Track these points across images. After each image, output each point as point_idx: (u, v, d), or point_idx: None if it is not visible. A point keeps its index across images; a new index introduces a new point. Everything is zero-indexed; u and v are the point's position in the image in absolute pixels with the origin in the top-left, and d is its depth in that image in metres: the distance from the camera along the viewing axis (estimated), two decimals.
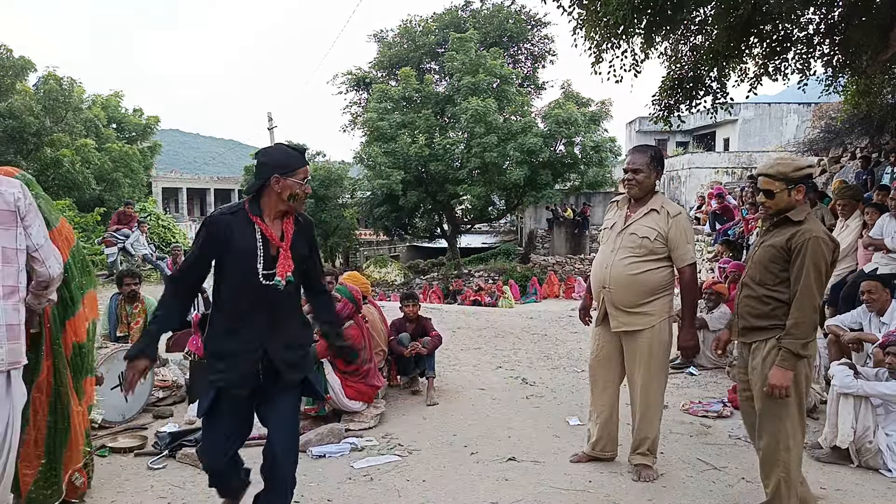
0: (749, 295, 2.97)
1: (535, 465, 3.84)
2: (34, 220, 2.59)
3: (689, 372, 6.19)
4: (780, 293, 2.86)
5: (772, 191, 2.90)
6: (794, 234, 2.84)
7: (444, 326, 6.52)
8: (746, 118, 28.93)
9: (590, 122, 24.46)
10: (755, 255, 3.01)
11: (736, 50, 8.06)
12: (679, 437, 4.36)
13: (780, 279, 2.87)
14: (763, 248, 2.97)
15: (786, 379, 2.77)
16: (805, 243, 2.79)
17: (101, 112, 24.01)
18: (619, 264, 3.48)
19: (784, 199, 2.89)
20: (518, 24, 30.70)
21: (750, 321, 2.95)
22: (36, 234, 2.58)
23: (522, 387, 5.78)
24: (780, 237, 2.90)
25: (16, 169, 2.94)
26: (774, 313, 2.86)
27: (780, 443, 2.87)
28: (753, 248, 3.07)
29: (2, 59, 19.74)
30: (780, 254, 2.86)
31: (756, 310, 2.93)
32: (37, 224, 2.60)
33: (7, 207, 2.49)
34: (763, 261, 2.93)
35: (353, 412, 4.63)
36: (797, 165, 2.92)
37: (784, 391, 2.78)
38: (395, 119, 24.25)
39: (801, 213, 2.90)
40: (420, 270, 28.52)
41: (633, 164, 3.52)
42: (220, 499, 2.95)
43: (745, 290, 3.01)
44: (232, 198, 43.89)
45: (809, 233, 2.81)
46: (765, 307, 2.90)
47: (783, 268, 2.86)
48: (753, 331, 2.95)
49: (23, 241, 2.53)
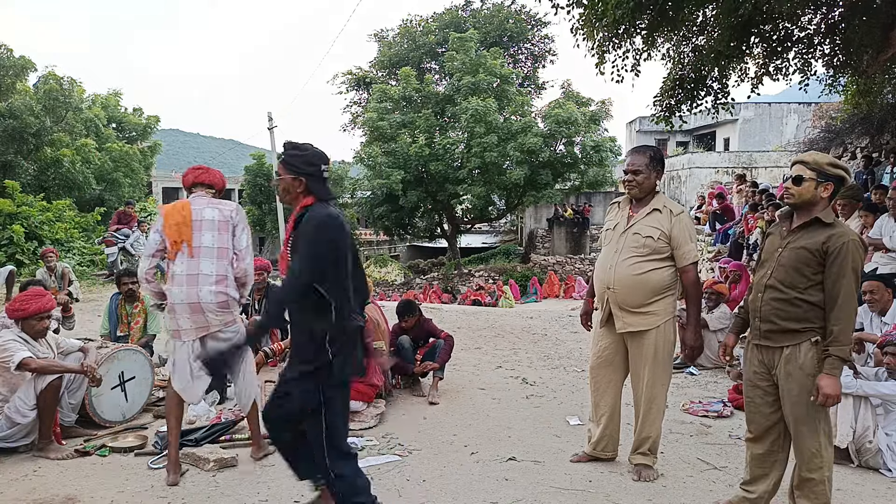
0: (778, 298, 2.86)
1: (535, 465, 3.84)
2: (242, 231, 3.73)
3: (690, 372, 6.20)
4: (812, 296, 2.78)
5: (802, 177, 2.82)
6: (829, 238, 2.76)
7: (444, 326, 6.52)
8: (747, 118, 28.95)
9: (590, 121, 24.48)
10: (780, 256, 2.90)
11: (737, 50, 8.06)
12: (679, 437, 4.36)
13: (812, 282, 2.79)
14: (792, 250, 2.86)
15: (836, 387, 2.70)
16: (843, 247, 2.71)
17: (101, 112, 24.00)
18: (623, 265, 3.46)
19: (810, 191, 2.82)
20: (518, 23, 30.73)
21: (779, 324, 2.86)
22: (240, 240, 3.72)
23: (523, 387, 5.78)
24: (812, 239, 2.81)
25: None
26: (807, 316, 2.79)
27: (821, 445, 2.84)
28: (776, 250, 2.94)
29: (2, 59, 19.72)
30: (814, 257, 2.77)
31: (787, 313, 2.84)
32: (244, 233, 3.75)
33: (224, 218, 3.66)
34: (793, 263, 2.83)
35: (354, 412, 4.63)
36: (834, 162, 2.86)
37: (835, 400, 2.72)
38: (395, 119, 24.26)
39: (829, 214, 2.84)
40: (420, 270, 28.53)
41: (632, 166, 3.51)
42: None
43: (770, 292, 2.90)
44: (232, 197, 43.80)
45: (846, 236, 2.75)
46: (797, 310, 2.81)
47: (816, 271, 2.78)
48: (785, 334, 2.85)
49: (230, 242, 3.68)
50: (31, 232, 14.18)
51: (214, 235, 3.62)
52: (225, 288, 3.60)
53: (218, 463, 3.79)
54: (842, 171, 2.86)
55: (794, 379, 2.82)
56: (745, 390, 3.11)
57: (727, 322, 6.28)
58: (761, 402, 2.99)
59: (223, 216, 3.66)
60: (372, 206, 26.05)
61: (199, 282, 3.55)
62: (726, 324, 6.27)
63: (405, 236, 29.03)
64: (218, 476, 3.70)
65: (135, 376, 4.71)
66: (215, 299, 3.56)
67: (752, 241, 9.23)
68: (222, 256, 3.62)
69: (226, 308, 3.62)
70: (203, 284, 3.55)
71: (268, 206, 28.51)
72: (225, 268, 3.62)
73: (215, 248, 3.61)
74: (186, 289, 3.54)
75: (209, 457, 3.81)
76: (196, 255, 3.57)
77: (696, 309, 3.57)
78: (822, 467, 2.85)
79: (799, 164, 2.87)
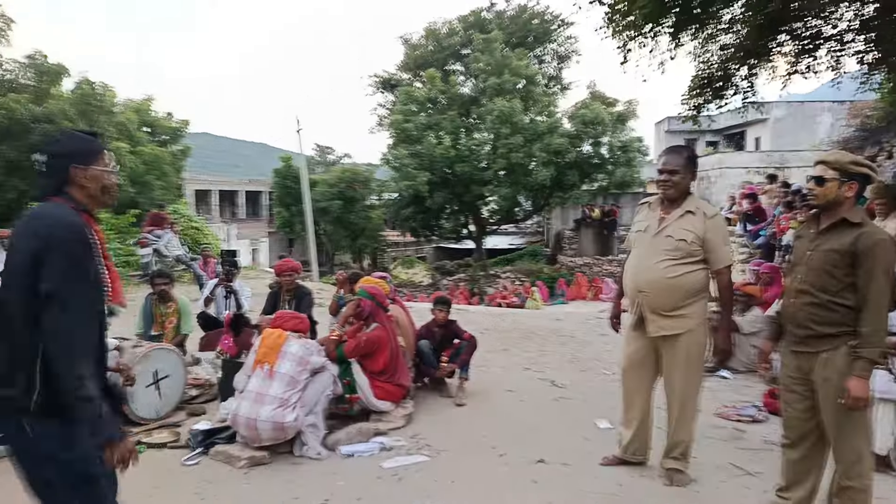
0: (811, 302, 2.80)
1: (564, 468, 3.82)
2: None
3: (722, 375, 6.09)
4: (846, 299, 2.72)
5: (824, 178, 2.77)
6: (858, 238, 2.69)
7: (471, 328, 6.51)
8: (778, 117, 28.37)
9: (616, 121, 24.26)
10: (810, 260, 2.84)
11: (766, 48, 7.92)
12: (712, 442, 4.29)
13: (844, 284, 2.72)
14: (821, 252, 2.80)
15: (866, 390, 2.65)
16: (873, 247, 2.66)
17: (133, 116, 24.51)
18: (655, 268, 3.42)
19: (833, 191, 2.76)
20: (543, 24, 30.57)
21: (816, 329, 2.79)
22: None
23: (551, 389, 5.75)
24: (840, 241, 2.74)
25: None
26: (844, 320, 2.73)
27: (862, 452, 2.79)
28: (805, 253, 2.88)
29: (38, 66, 20.28)
30: (844, 258, 2.72)
31: (822, 317, 2.77)
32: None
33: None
34: (824, 266, 2.77)
35: (382, 412, 4.66)
36: (856, 160, 2.80)
37: (865, 402, 2.67)
38: (420, 120, 24.34)
39: (857, 214, 2.78)
40: (446, 271, 28.54)
41: (669, 165, 3.45)
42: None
43: (803, 297, 2.83)
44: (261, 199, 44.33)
45: (876, 235, 2.69)
46: (833, 314, 2.75)
47: (848, 272, 2.71)
48: (822, 339, 2.79)
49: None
50: None
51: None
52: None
53: (250, 461, 3.85)
54: (865, 168, 2.80)
55: (832, 384, 2.75)
56: (782, 395, 3.05)
57: (759, 325, 6.17)
58: (798, 407, 2.93)
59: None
60: (398, 207, 26.18)
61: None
62: (759, 327, 6.16)
63: (431, 238, 29.11)
64: (250, 473, 3.76)
65: (169, 375, 4.81)
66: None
67: (784, 243, 9.05)
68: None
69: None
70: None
71: (296, 207, 28.78)
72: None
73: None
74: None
75: (241, 455, 3.87)
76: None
77: (729, 312, 3.54)
78: (863, 475, 2.78)
79: (821, 165, 2.82)
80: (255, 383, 4.05)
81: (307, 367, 4.14)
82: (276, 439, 3.96)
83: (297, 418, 3.97)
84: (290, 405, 3.96)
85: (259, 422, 3.88)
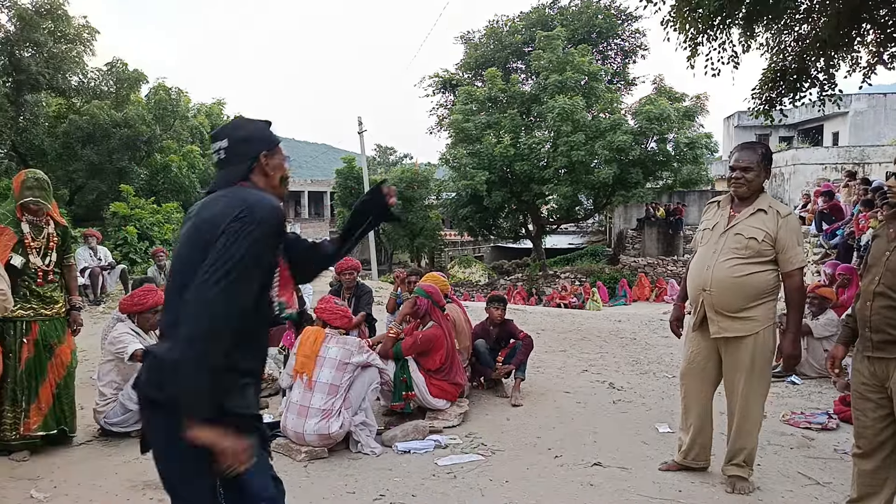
0: (889, 306, 2.67)
1: (621, 472, 3.75)
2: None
3: (791, 381, 5.84)
4: None
5: None
6: None
7: (528, 328, 6.48)
8: (858, 110, 26.91)
9: (683, 117, 23.53)
10: (888, 261, 2.70)
11: (846, 38, 7.51)
12: (778, 450, 4.12)
13: None
14: None
15: None
16: None
17: (205, 119, 25.55)
18: (722, 266, 3.30)
19: None
20: (608, 19, 30.02)
21: (893, 334, 2.65)
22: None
23: (609, 391, 5.64)
24: None
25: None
26: None
27: None
28: (883, 254, 2.74)
29: (118, 73, 21.42)
30: None
31: None
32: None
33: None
34: None
35: (438, 410, 4.69)
36: None
37: None
38: (480, 120, 24.32)
39: None
40: (504, 271, 28.45)
41: (742, 162, 3.32)
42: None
43: (880, 300, 2.70)
44: (324, 199, 45.34)
45: None
46: None
47: None
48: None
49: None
50: (143, 232, 15.41)
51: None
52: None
53: (309, 454, 3.95)
54: None
55: None
56: (854, 402, 2.89)
57: (834, 329, 5.88)
58: (872, 416, 2.78)
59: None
60: (457, 207, 26.24)
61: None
62: (833, 331, 5.87)
63: (489, 237, 29.05)
64: (309, 466, 3.86)
65: None
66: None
67: (863, 243, 8.58)
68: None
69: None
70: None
71: None
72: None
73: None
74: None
75: (301, 447, 3.98)
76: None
77: (798, 316, 3.37)
78: None
79: None
80: (296, 395, 4.07)
81: (348, 368, 4.09)
82: (326, 446, 4.02)
83: (343, 424, 3.99)
84: (334, 413, 3.97)
85: (306, 435, 3.94)
